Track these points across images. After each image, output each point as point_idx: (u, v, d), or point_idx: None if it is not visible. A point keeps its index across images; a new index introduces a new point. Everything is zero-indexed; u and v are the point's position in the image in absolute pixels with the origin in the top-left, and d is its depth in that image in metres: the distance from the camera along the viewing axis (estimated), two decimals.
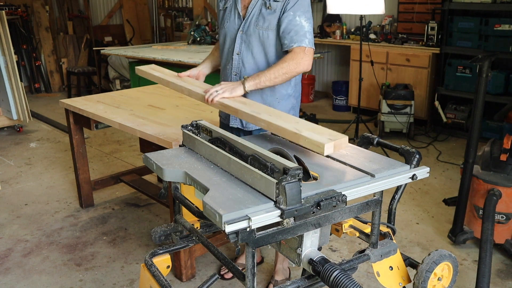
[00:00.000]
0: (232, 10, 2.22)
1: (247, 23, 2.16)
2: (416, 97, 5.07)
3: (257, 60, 2.18)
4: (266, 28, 2.12)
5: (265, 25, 2.12)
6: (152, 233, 1.74)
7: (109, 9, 8.35)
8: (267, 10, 2.11)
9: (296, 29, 2.07)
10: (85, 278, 2.68)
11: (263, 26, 2.13)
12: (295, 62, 2.03)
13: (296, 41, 2.05)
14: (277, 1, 2.09)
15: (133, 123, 2.63)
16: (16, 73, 5.14)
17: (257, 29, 2.14)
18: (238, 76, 2.22)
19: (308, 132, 1.63)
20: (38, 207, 3.57)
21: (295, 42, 2.05)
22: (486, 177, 2.75)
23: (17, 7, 7.20)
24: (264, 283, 2.61)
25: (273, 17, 2.10)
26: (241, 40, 2.18)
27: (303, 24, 2.08)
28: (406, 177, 1.51)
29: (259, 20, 2.13)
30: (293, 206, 1.25)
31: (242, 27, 2.17)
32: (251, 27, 2.15)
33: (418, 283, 1.64)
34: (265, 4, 2.12)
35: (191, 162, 1.60)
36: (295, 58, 2.04)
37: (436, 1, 5.26)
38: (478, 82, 2.67)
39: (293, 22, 2.07)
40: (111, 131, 5.36)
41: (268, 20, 2.11)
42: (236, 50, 2.20)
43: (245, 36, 2.17)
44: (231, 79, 2.23)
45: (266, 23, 2.12)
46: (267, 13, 2.11)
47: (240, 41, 2.19)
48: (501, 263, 2.77)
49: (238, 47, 2.19)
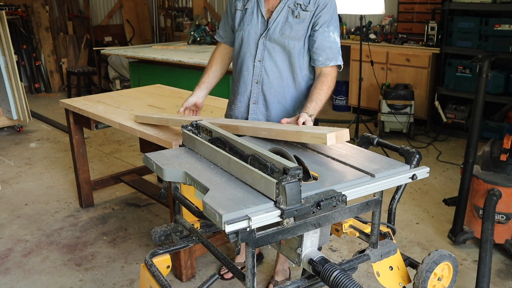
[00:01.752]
0: (254, 12, 2.08)
1: (272, 30, 2.04)
2: (416, 97, 5.07)
3: (280, 69, 2.09)
4: (293, 38, 2.03)
5: (292, 34, 2.02)
6: (152, 233, 1.74)
7: (109, 9, 8.35)
8: (294, 19, 2.01)
9: (331, 45, 2.04)
10: (85, 278, 2.68)
11: (290, 35, 2.02)
12: (333, 81, 2.08)
13: (333, 59, 2.06)
14: (306, 11, 2.00)
15: (133, 123, 2.62)
16: (16, 73, 5.14)
17: (282, 37, 2.03)
18: (260, 84, 2.12)
19: (309, 129, 1.66)
20: (38, 207, 3.57)
21: (331, 60, 2.06)
22: (486, 177, 2.75)
23: (17, 7, 7.20)
24: (264, 283, 2.61)
25: (301, 27, 2.02)
26: (263, 46, 2.07)
27: (337, 40, 2.06)
28: (406, 177, 1.51)
29: (286, 29, 2.02)
30: (293, 206, 1.25)
31: (266, 33, 2.05)
32: (275, 34, 2.03)
33: (418, 283, 1.64)
34: (293, 13, 2.01)
35: (191, 162, 1.60)
36: (334, 76, 2.07)
37: (436, 1, 5.26)
38: (478, 82, 2.67)
39: (328, 39, 2.03)
40: (111, 131, 5.36)
41: (295, 30, 2.02)
42: (258, 57, 2.09)
43: (268, 42, 2.06)
44: (251, 86, 2.13)
45: (294, 32, 2.02)
46: (295, 22, 2.01)
47: (262, 48, 2.07)
48: (501, 263, 2.77)
49: (260, 54, 2.08)
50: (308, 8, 2.00)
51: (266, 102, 2.14)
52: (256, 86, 2.13)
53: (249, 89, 2.15)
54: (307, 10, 2.01)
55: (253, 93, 2.14)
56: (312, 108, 1.96)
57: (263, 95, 2.14)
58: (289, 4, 2.02)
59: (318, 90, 2.03)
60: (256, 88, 2.13)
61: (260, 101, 2.15)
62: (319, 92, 2.02)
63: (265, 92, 2.13)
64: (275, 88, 2.12)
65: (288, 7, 2.02)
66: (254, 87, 2.13)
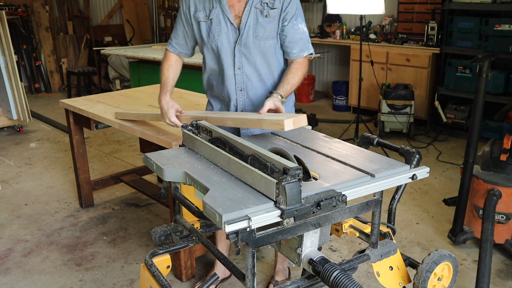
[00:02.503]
0: (222, 21, 2.04)
1: (245, 35, 2.03)
2: (416, 97, 5.07)
3: (261, 72, 2.11)
4: (267, 38, 2.05)
5: (266, 34, 2.04)
6: (152, 233, 1.74)
7: (109, 9, 8.34)
8: (265, 19, 2.01)
9: (302, 37, 2.09)
10: (85, 278, 2.68)
11: (263, 35, 2.04)
12: (306, 68, 2.13)
13: (305, 49, 2.11)
14: (274, 8, 2.01)
15: (133, 123, 2.62)
16: (16, 73, 5.14)
17: (257, 40, 2.04)
18: (244, 91, 2.13)
19: (269, 116, 1.76)
20: (38, 207, 3.57)
21: (304, 51, 2.11)
22: (486, 177, 2.75)
23: (17, 7, 7.21)
24: (264, 283, 2.61)
25: (273, 25, 2.04)
26: (240, 53, 2.06)
27: (305, 30, 2.11)
28: (406, 177, 1.51)
29: (258, 30, 2.02)
30: (293, 206, 1.25)
31: (239, 40, 2.04)
32: (249, 38, 2.03)
33: (418, 283, 1.64)
34: (262, 13, 2.01)
35: (191, 162, 1.60)
36: (306, 64, 2.13)
37: (436, 1, 5.26)
38: (478, 82, 2.66)
39: (298, 31, 2.07)
40: (111, 131, 5.36)
41: (268, 30, 2.03)
42: (237, 65, 2.08)
43: (244, 48, 2.05)
44: (236, 95, 2.13)
45: (267, 32, 2.04)
46: (266, 22, 2.02)
47: (239, 55, 2.06)
48: (501, 263, 2.77)
49: (239, 62, 2.08)
50: (275, 5, 2.02)
51: (254, 106, 2.15)
52: (241, 93, 2.14)
53: (235, 98, 2.15)
54: (275, 7, 2.02)
55: (239, 101, 2.16)
56: (285, 90, 2.01)
57: (249, 100, 2.16)
58: (255, 5, 2.02)
59: (293, 75, 2.07)
60: (241, 95, 2.15)
61: (248, 106, 2.17)
62: (293, 76, 2.07)
63: (252, 98, 2.15)
64: (260, 91, 2.14)
65: (255, 8, 2.02)
66: (239, 95, 2.15)
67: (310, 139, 1.85)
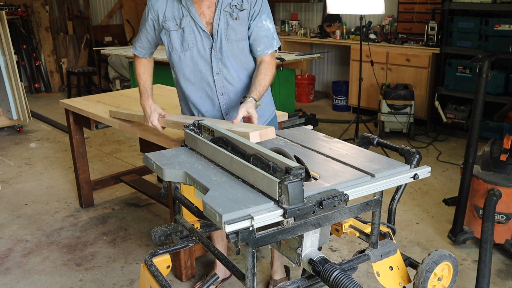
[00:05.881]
0: (194, 30, 2.04)
1: (218, 41, 2.04)
2: (416, 97, 5.07)
3: (239, 74, 2.13)
4: (239, 40, 2.06)
5: (238, 36, 2.06)
6: (152, 233, 1.74)
7: (109, 9, 8.34)
8: (235, 21, 2.02)
9: (267, 34, 2.10)
10: (85, 278, 2.68)
11: (236, 38, 2.05)
12: (275, 67, 2.14)
13: (270, 46, 2.13)
14: (243, 10, 2.02)
15: (133, 123, 2.62)
16: (16, 73, 5.14)
17: (230, 43, 2.05)
18: (226, 95, 2.14)
19: (238, 127, 1.78)
20: (38, 207, 3.57)
21: (268, 48, 2.13)
22: (486, 177, 2.75)
23: (17, 7, 7.21)
24: (264, 283, 2.61)
25: (243, 26, 2.05)
26: (216, 59, 2.07)
27: (270, 27, 2.11)
28: (406, 177, 1.52)
29: (230, 34, 2.04)
30: (295, 205, 1.25)
31: (214, 45, 2.05)
32: (223, 43, 2.04)
33: (418, 283, 1.64)
34: (231, 15, 2.02)
35: (191, 162, 1.60)
36: (274, 63, 2.15)
37: (436, 1, 5.26)
38: (478, 82, 2.67)
39: (262, 28, 2.08)
40: (111, 131, 5.36)
41: (240, 32, 2.05)
42: (215, 71, 2.09)
43: (219, 54, 2.06)
44: (218, 99, 2.15)
45: (239, 34, 2.05)
46: (237, 24, 2.03)
47: (216, 60, 2.07)
48: (501, 263, 2.77)
49: (216, 67, 2.09)
50: (243, 7, 2.03)
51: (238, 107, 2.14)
52: (223, 98, 2.15)
53: (217, 103, 2.16)
54: (244, 9, 2.03)
55: (222, 105, 2.17)
56: (258, 92, 2.02)
57: (232, 102, 2.16)
58: (224, 9, 2.02)
59: (263, 76, 2.08)
60: (224, 99, 2.16)
61: (231, 109, 2.18)
62: (264, 77, 2.08)
63: (234, 99, 2.16)
64: (241, 92, 2.15)
65: (224, 11, 2.02)
66: (222, 100, 2.16)
67: (310, 139, 1.86)
